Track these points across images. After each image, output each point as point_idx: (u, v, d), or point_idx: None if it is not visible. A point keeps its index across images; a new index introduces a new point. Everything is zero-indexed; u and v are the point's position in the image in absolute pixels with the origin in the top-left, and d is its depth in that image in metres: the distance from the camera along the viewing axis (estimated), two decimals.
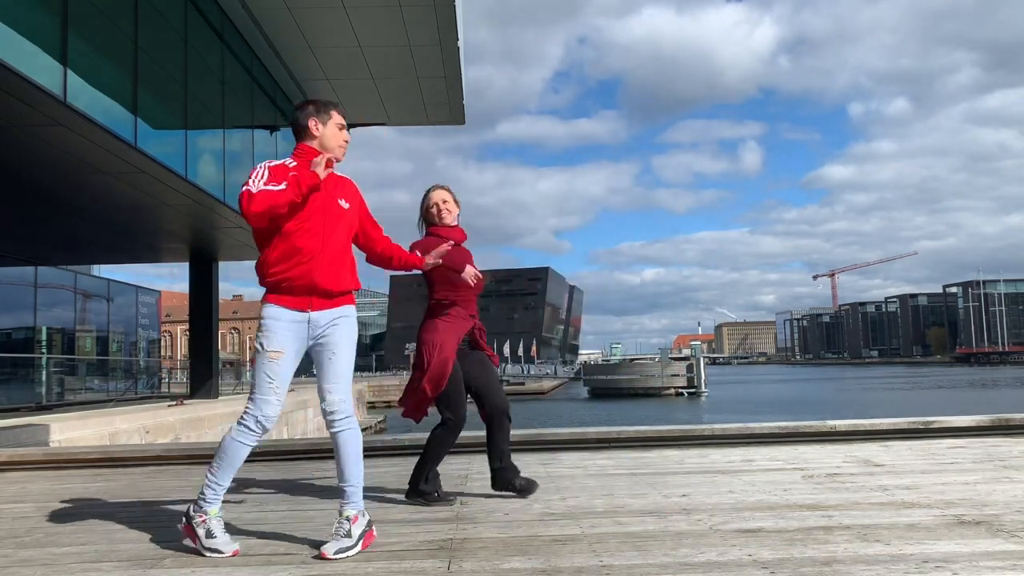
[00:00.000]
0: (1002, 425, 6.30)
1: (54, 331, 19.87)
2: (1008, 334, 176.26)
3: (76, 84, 8.60)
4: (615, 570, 2.77)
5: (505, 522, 3.61)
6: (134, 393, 21.88)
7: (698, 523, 3.47)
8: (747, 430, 6.30)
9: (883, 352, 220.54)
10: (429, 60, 14.64)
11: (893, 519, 3.44)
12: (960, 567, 2.68)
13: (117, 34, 9.73)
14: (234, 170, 13.71)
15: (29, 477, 5.66)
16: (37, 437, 9.01)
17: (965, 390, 60.30)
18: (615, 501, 4.02)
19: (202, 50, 12.44)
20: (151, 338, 26.29)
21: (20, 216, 13.97)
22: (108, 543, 3.41)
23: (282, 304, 3.24)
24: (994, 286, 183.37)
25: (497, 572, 2.80)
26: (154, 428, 11.57)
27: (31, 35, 7.93)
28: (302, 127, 3.39)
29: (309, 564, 2.98)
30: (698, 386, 57.17)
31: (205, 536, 3.15)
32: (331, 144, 3.39)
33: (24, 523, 3.93)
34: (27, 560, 3.17)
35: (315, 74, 15.50)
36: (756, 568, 2.74)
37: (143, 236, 16.38)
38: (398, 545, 3.23)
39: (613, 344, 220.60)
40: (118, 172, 10.95)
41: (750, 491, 4.19)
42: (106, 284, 23.11)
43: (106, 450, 6.64)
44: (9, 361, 17.27)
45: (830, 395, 56.51)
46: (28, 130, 9.16)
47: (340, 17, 12.96)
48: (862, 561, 2.79)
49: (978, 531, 3.19)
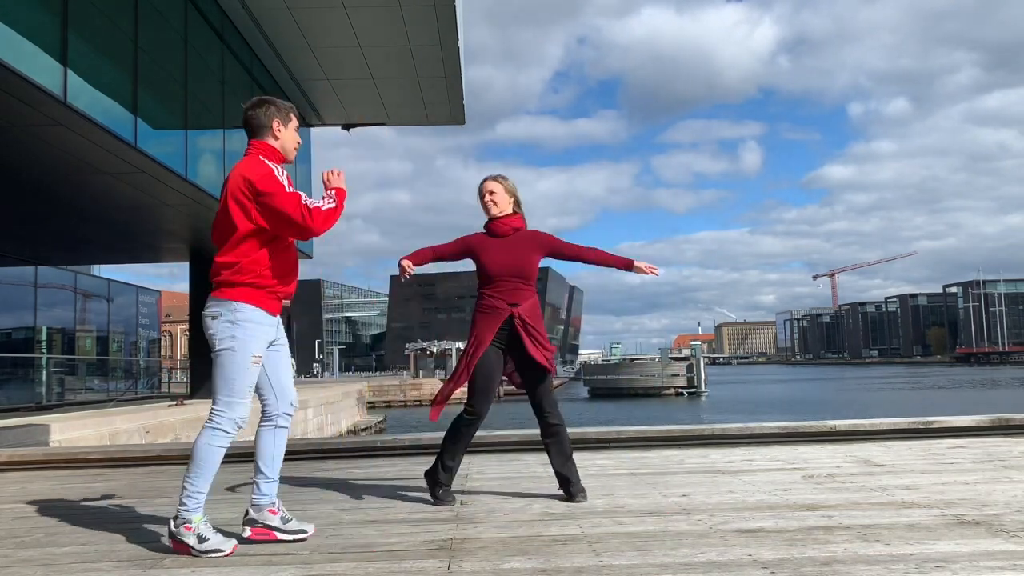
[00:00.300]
0: (1002, 425, 6.30)
1: (54, 331, 19.88)
2: (1008, 334, 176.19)
3: (76, 84, 8.60)
4: (615, 570, 2.77)
5: (505, 522, 3.61)
6: (134, 393, 21.90)
7: (698, 523, 3.47)
8: (747, 430, 6.30)
9: (883, 352, 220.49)
10: (429, 60, 14.65)
11: (893, 519, 3.44)
12: (960, 567, 2.68)
13: (117, 34, 9.74)
14: None
15: (29, 477, 5.66)
16: (37, 437, 9.01)
17: (965, 390, 60.30)
18: (615, 501, 4.02)
19: (202, 50, 12.45)
20: (151, 338, 26.30)
21: (20, 216, 13.97)
22: (108, 543, 3.41)
23: (263, 307, 3.26)
24: (994, 286, 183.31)
25: (497, 572, 2.80)
26: (154, 428, 11.57)
27: (31, 35, 7.93)
28: (263, 126, 3.37)
29: (309, 564, 2.98)
30: (698, 386, 57.19)
31: (197, 543, 3.12)
32: (290, 147, 3.43)
33: (24, 523, 3.93)
34: (27, 560, 3.17)
35: (315, 74, 15.50)
36: (756, 568, 2.74)
37: (143, 236, 16.39)
38: (398, 545, 3.23)
39: (613, 344, 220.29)
40: (118, 172, 10.95)
41: (750, 491, 4.19)
42: (106, 284, 23.12)
43: (106, 450, 6.64)
44: (9, 361, 17.27)
45: (830, 395, 56.51)
46: (28, 130, 9.17)
47: (340, 17, 12.97)
48: (862, 561, 2.79)
49: (978, 531, 3.19)
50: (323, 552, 3.15)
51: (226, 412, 3.20)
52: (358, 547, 3.21)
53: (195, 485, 3.17)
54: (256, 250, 3.23)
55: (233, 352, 3.19)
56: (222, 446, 3.21)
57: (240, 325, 3.19)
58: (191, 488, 3.16)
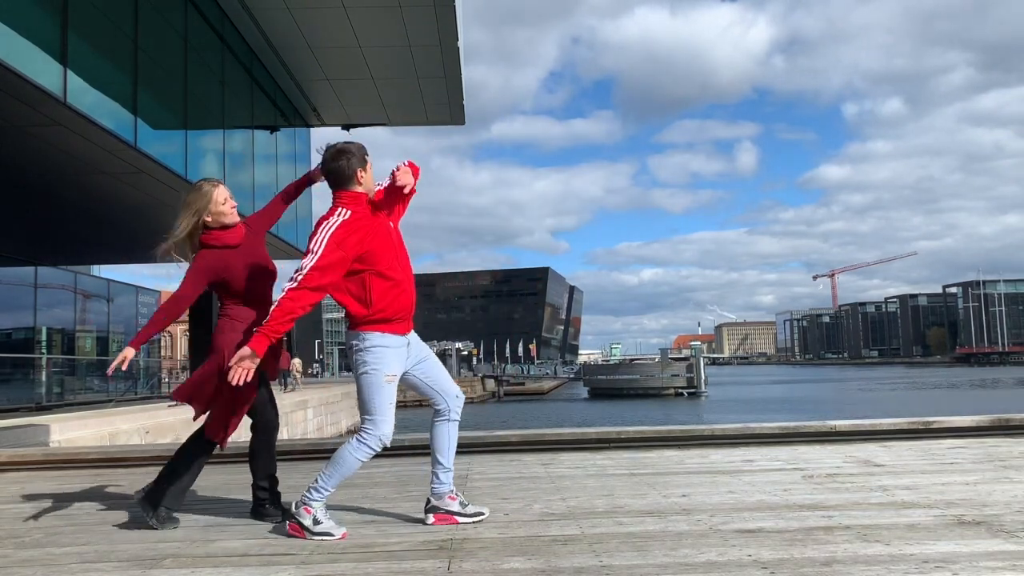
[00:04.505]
0: (1002, 425, 6.30)
1: (54, 331, 19.87)
2: (1008, 334, 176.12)
3: (76, 84, 8.60)
4: (615, 570, 2.77)
5: (505, 522, 3.61)
6: (134, 393, 21.87)
7: (698, 523, 3.47)
8: (747, 430, 6.30)
9: (883, 352, 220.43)
10: (429, 60, 14.65)
11: (893, 519, 3.44)
12: (960, 567, 2.68)
13: (117, 34, 9.74)
14: (234, 170, 13.72)
15: (29, 477, 5.66)
16: (37, 437, 9.00)
17: (965, 390, 60.29)
18: (615, 501, 4.02)
19: (202, 50, 12.45)
20: (151, 338, 26.26)
21: (20, 216, 13.97)
22: (108, 543, 3.41)
23: (390, 331, 3.51)
24: (994, 286, 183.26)
25: (497, 572, 2.80)
26: (154, 428, 11.56)
27: (31, 35, 7.93)
28: (348, 176, 3.52)
29: (309, 564, 2.98)
30: (698, 386, 57.10)
31: (312, 524, 3.36)
32: (371, 187, 3.60)
33: (24, 523, 3.93)
34: (27, 560, 3.17)
35: (315, 74, 15.51)
36: (756, 568, 2.74)
37: (143, 236, 16.34)
38: (398, 545, 3.23)
39: (613, 344, 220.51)
40: (118, 172, 10.95)
41: (750, 491, 4.19)
42: (106, 284, 23.10)
43: (106, 450, 6.64)
44: (9, 361, 17.26)
45: (830, 395, 56.50)
46: (28, 130, 9.17)
47: (340, 17, 12.97)
48: (862, 561, 2.79)
49: (978, 531, 3.19)
50: (323, 552, 3.15)
51: (372, 430, 3.44)
52: (358, 547, 3.21)
53: (326, 484, 3.43)
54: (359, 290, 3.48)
55: (372, 374, 3.47)
56: (363, 460, 3.47)
57: (375, 351, 3.47)
58: (321, 484, 3.42)
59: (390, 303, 3.49)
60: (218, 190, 3.87)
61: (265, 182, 15.63)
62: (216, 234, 3.84)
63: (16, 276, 18.20)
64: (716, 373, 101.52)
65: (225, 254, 3.81)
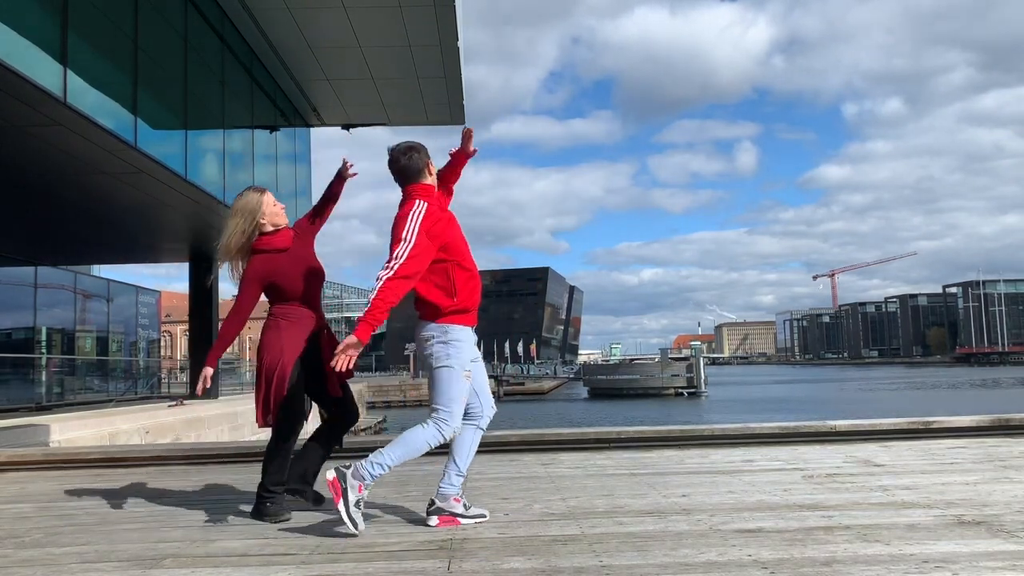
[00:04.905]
0: (1002, 425, 6.30)
1: (54, 331, 19.85)
2: (1008, 334, 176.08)
3: (76, 84, 8.59)
4: (615, 570, 2.77)
5: (505, 522, 3.61)
6: (134, 393, 21.87)
7: (698, 523, 3.47)
8: (747, 430, 6.30)
9: (883, 352, 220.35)
10: (429, 60, 14.64)
11: (893, 519, 3.44)
12: (960, 567, 2.68)
13: (117, 34, 9.73)
14: (234, 170, 13.72)
15: (29, 477, 5.66)
16: (37, 437, 9.00)
17: (965, 390, 60.30)
18: (615, 501, 4.02)
19: (202, 50, 12.44)
20: (151, 338, 26.25)
21: (20, 216, 13.96)
22: (108, 543, 3.41)
23: (466, 324, 3.61)
24: (994, 286, 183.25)
25: (497, 572, 2.80)
26: (154, 428, 11.56)
27: (31, 35, 7.93)
28: (419, 170, 3.63)
29: (309, 564, 2.98)
30: (698, 386, 57.13)
31: (354, 504, 3.36)
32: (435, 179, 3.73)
33: (24, 523, 3.93)
34: (27, 560, 3.17)
35: (315, 74, 15.50)
36: (756, 568, 2.74)
37: (143, 236, 16.38)
38: (398, 545, 3.23)
39: (613, 344, 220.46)
40: (118, 172, 10.95)
41: (750, 491, 4.19)
42: (106, 284, 23.09)
43: (106, 450, 6.64)
44: (9, 361, 17.25)
45: (830, 395, 56.50)
46: (28, 130, 9.16)
47: (340, 17, 12.96)
48: (862, 561, 2.79)
49: (978, 531, 3.19)
50: (323, 552, 3.15)
51: (448, 420, 3.50)
52: (358, 547, 3.21)
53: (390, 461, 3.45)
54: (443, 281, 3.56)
55: (450, 368, 3.52)
56: (432, 447, 3.51)
57: (456, 344, 3.54)
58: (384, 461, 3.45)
59: (469, 293, 3.58)
60: (267, 195, 4.01)
61: (265, 182, 15.62)
62: (266, 239, 3.95)
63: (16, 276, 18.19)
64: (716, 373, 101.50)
65: (275, 258, 3.92)
